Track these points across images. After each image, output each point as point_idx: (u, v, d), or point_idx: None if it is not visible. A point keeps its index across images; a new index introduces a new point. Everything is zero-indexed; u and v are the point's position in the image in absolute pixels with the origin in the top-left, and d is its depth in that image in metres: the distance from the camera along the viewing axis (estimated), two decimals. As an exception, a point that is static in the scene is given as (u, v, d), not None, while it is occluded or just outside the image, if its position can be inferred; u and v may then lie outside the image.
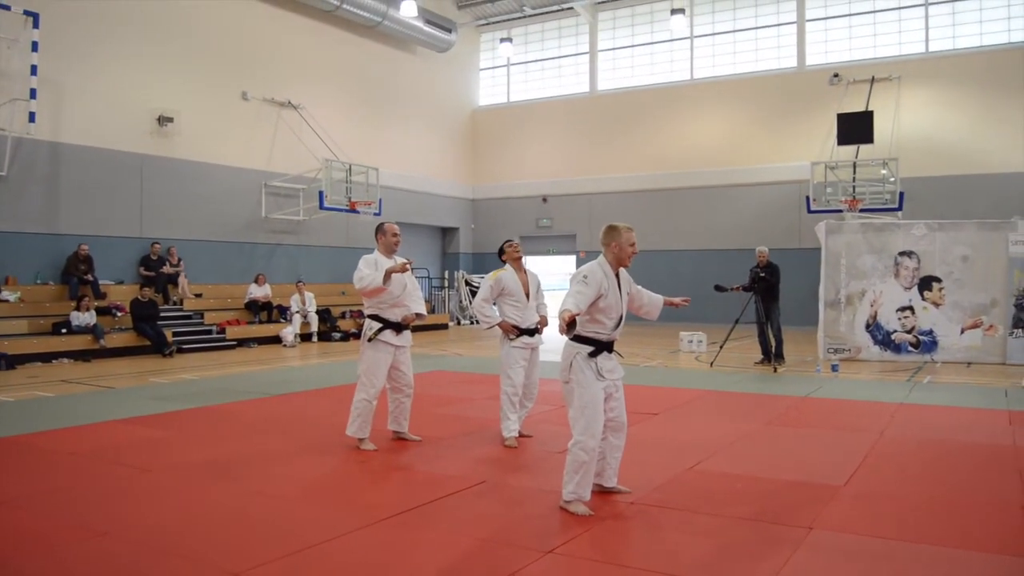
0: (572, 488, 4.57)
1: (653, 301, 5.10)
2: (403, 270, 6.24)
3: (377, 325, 6.31)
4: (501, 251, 6.85)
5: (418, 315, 6.49)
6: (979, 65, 18.66)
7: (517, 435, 6.63)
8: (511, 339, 6.62)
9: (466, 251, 25.21)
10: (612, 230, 4.75)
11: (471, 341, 17.38)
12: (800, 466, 5.79)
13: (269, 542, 4.10)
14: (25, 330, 12.88)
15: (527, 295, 6.68)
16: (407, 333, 6.50)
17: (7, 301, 13.01)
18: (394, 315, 6.35)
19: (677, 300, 5.24)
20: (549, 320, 6.94)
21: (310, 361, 13.48)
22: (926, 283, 12.61)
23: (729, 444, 6.52)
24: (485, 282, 6.77)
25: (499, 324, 6.64)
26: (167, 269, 15.56)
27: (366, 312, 6.41)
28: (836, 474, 5.50)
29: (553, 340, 5.30)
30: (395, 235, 6.40)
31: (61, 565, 3.84)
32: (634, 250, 4.74)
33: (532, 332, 6.70)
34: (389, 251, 6.37)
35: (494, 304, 6.73)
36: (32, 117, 13.40)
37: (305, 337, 16.64)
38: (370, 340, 6.26)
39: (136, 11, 15.57)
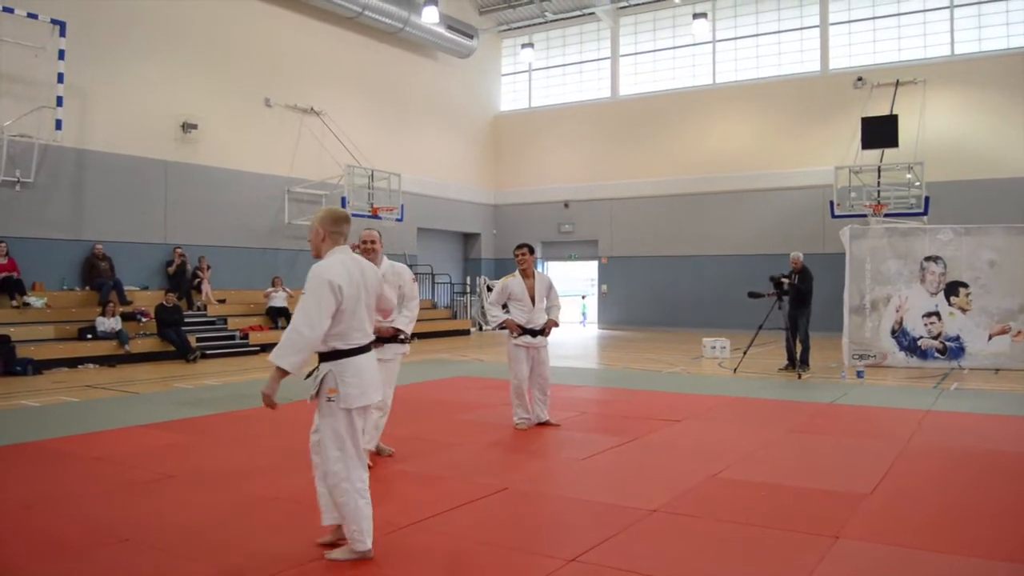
0: None
1: None
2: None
3: None
4: None
5: (396, 330, 5.92)
6: (1006, 67, 18.41)
7: (526, 420, 7.38)
8: (514, 337, 7.25)
9: (488, 256, 25.22)
10: None
11: (493, 347, 17.35)
12: (825, 474, 5.72)
13: (291, 548, 4.10)
14: (51, 335, 13.03)
15: (532, 299, 7.24)
16: (388, 347, 5.93)
17: (34, 307, 13.17)
18: None
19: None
20: (560, 323, 7.56)
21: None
22: (953, 288, 12.43)
23: (753, 451, 6.45)
24: (496, 287, 7.44)
25: (505, 321, 7.25)
26: (201, 273, 15.73)
27: None
28: (862, 482, 5.42)
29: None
30: (364, 243, 5.96)
31: (81, 571, 3.86)
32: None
33: (535, 333, 7.27)
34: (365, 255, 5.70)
35: (505, 307, 7.34)
36: (59, 124, 13.59)
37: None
38: None
39: (161, 19, 15.76)
